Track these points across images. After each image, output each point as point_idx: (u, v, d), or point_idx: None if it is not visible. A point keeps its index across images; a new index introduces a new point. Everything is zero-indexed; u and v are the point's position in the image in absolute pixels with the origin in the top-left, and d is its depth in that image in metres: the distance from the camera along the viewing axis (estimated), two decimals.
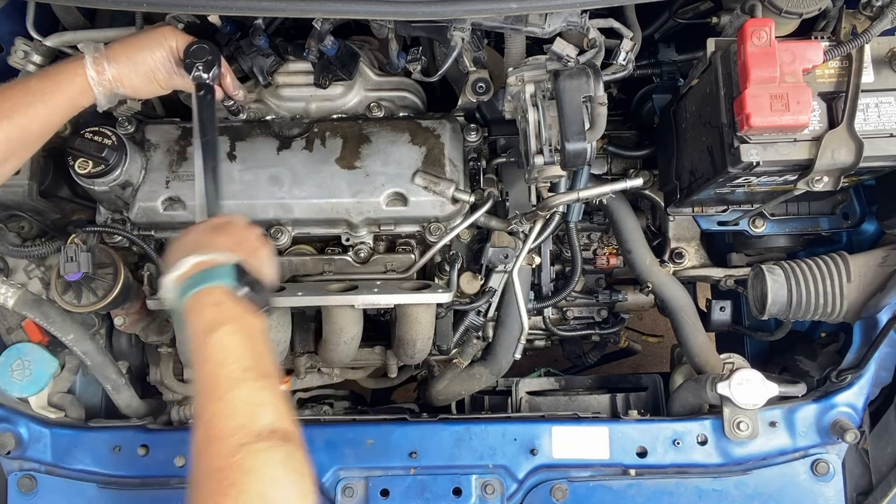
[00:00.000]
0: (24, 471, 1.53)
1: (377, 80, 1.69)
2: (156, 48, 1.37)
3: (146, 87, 1.40)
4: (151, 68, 1.37)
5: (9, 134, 1.23)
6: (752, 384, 1.48)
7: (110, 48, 1.34)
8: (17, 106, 1.24)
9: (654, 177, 1.82)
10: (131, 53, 1.35)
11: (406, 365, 1.83)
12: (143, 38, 1.38)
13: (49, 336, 1.59)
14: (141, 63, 1.36)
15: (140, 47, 1.36)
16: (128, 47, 1.36)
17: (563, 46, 1.39)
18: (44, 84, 1.28)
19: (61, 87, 1.29)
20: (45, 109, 1.27)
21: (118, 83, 1.34)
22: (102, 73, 1.32)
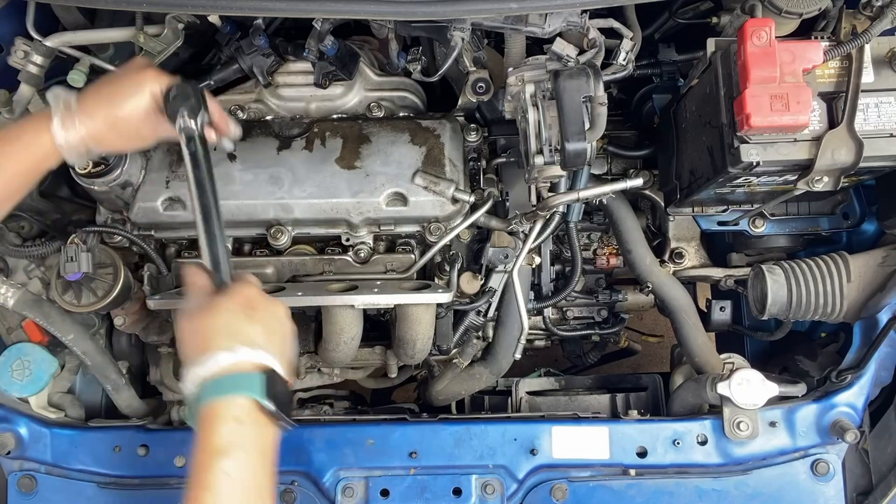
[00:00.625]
0: (24, 471, 1.53)
1: (377, 80, 1.69)
2: (137, 98, 1.18)
3: (128, 144, 1.25)
4: (133, 124, 1.19)
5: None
6: (752, 384, 1.48)
7: (83, 100, 1.16)
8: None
9: (654, 177, 1.82)
10: (109, 107, 1.17)
11: (406, 365, 1.83)
12: (122, 86, 1.20)
13: (49, 336, 1.59)
14: (121, 119, 1.18)
15: (119, 99, 1.18)
16: (104, 99, 1.18)
17: (563, 46, 1.39)
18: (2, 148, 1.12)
19: (22, 150, 1.13)
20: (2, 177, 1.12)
21: (94, 142, 1.18)
22: (71, 136, 1.15)
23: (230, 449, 0.99)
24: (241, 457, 1.00)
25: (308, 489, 1.50)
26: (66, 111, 1.16)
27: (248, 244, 1.67)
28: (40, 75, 1.50)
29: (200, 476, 0.99)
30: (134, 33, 1.51)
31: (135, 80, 1.20)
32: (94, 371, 1.63)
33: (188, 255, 1.65)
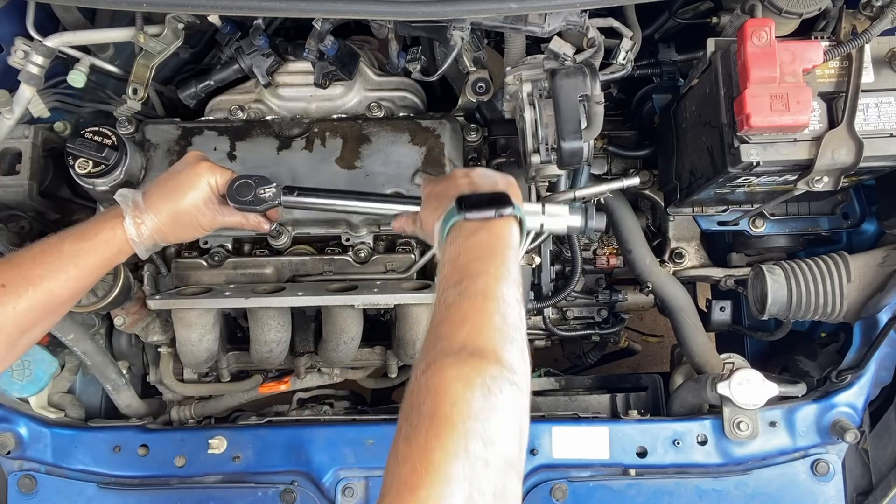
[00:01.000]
0: (24, 471, 1.53)
1: (377, 80, 1.69)
2: (195, 191, 1.27)
3: (191, 234, 1.32)
4: (195, 216, 1.28)
5: (34, 303, 1.14)
6: (752, 384, 1.48)
7: (148, 198, 1.24)
8: (48, 272, 1.16)
9: (654, 177, 1.82)
10: (171, 203, 1.25)
11: (406, 365, 1.83)
12: (181, 182, 1.27)
13: (49, 336, 1.59)
14: (184, 213, 1.26)
15: (179, 194, 1.25)
16: (166, 196, 1.25)
17: (561, 45, 1.39)
18: (78, 247, 1.19)
19: (97, 249, 1.20)
20: (76, 273, 1.18)
21: (160, 237, 1.26)
22: (142, 231, 1.23)
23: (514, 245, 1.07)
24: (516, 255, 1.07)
25: (308, 489, 1.50)
26: (136, 209, 1.24)
27: (248, 244, 1.67)
28: (40, 75, 1.50)
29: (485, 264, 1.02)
30: (134, 33, 1.51)
31: (192, 175, 1.28)
32: (94, 371, 1.63)
33: (188, 255, 1.65)
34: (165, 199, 1.25)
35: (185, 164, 1.30)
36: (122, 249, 1.23)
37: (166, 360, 1.75)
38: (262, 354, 1.61)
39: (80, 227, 1.23)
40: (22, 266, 1.16)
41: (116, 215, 1.23)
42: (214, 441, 1.53)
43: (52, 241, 1.21)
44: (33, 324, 1.17)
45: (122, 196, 1.25)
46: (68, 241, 1.20)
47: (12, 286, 1.13)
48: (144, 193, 1.26)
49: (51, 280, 1.16)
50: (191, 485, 1.52)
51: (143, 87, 1.58)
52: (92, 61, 1.56)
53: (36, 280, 1.15)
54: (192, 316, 1.55)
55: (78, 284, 1.20)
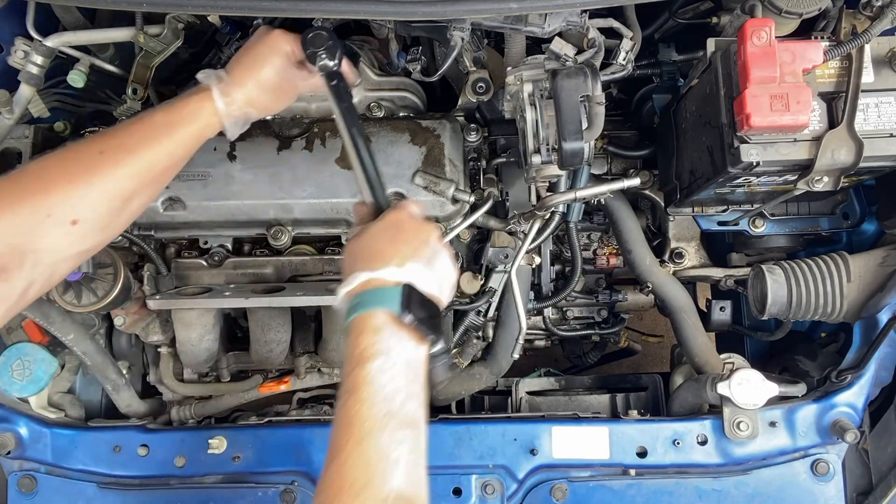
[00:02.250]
0: (24, 471, 1.53)
1: (377, 80, 1.69)
2: (274, 58, 1.28)
3: (277, 103, 1.32)
4: (278, 83, 1.29)
5: (133, 170, 1.15)
6: (752, 384, 1.48)
7: (231, 73, 1.26)
8: (142, 141, 1.17)
9: (654, 177, 1.82)
10: (254, 73, 1.26)
11: None
12: (259, 51, 1.28)
13: (49, 336, 1.59)
14: (268, 80, 1.27)
15: (261, 63, 1.27)
16: (248, 67, 1.27)
17: (561, 46, 1.39)
18: (169, 118, 1.21)
19: (187, 119, 1.21)
20: (169, 144, 1.20)
21: (249, 107, 1.27)
22: (231, 103, 1.24)
23: (368, 357, 1.02)
24: (381, 362, 1.02)
25: (308, 489, 1.50)
26: (220, 81, 1.24)
27: (248, 244, 1.67)
28: (40, 75, 1.50)
29: (345, 384, 1.03)
30: (134, 33, 1.51)
31: (268, 44, 1.29)
32: (94, 371, 1.63)
33: (188, 255, 1.65)
34: (247, 70, 1.26)
35: (259, 37, 1.31)
36: (210, 123, 1.24)
37: (166, 360, 1.75)
38: (262, 354, 1.61)
39: (169, 102, 1.24)
40: (118, 136, 1.18)
41: (203, 90, 1.24)
42: (214, 441, 1.53)
43: (144, 114, 1.22)
44: (134, 191, 1.17)
45: (205, 73, 1.26)
46: (160, 114, 1.21)
47: (110, 153, 1.14)
48: (227, 69, 1.27)
49: (146, 148, 1.17)
50: (191, 485, 1.52)
51: (143, 87, 1.58)
52: (92, 61, 1.56)
53: (132, 148, 1.16)
54: (192, 316, 1.55)
55: (173, 155, 1.21)
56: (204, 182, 1.55)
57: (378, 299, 1.07)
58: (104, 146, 1.15)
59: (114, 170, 1.14)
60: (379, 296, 1.07)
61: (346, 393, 1.01)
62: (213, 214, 1.56)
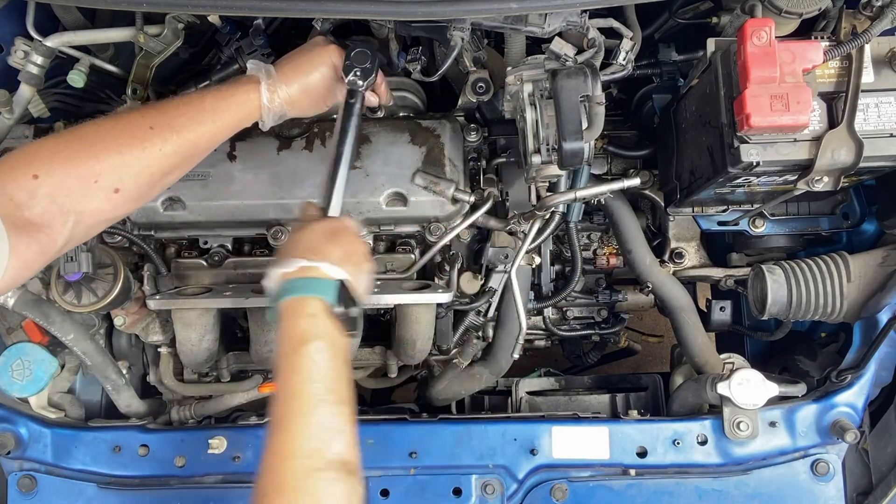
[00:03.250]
0: (24, 471, 1.53)
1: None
2: (324, 68, 1.36)
3: (313, 108, 1.40)
4: (320, 90, 1.37)
5: (177, 148, 1.23)
6: (752, 384, 1.48)
7: (280, 70, 1.33)
8: (189, 122, 1.24)
9: (654, 177, 1.82)
10: (302, 76, 1.34)
11: (406, 365, 1.83)
12: (311, 58, 1.36)
13: (49, 336, 1.59)
14: (312, 86, 1.36)
15: (309, 69, 1.35)
16: (297, 70, 1.35)
17: (561, 46, 1.39)
18: (218, 103, 1.27)
19: (233, 107, 1.29)
20: (213, 127, 1.27)
21: (289, 106, 1.34)
22: (275, 98, 1.31)
23: (309, 338, 1.11)
24: (321, 345, 1.11)
25: None
26: (269, 76, 1.32)
27: (248, 244, 1.67)
28: (40, 75, 1.50)
29: (286, 362, 1.11)
30: (134, 33, 1.51)
31: (321, 53, 1.37)
32: (94, 371, 1.63)
33: (188, 255, 1.65)
34: (296, 71, 1.34)
35: (314, 45, 1.39)
36: (252, 113, 1.31)
37: (166, 360, 1.75)
38: (262, 354, 1.61)
39: (219, 87, 1.32)
40: (168, 113, 1.24)
41: (252, 81, 1.31)
42: (214, 441, 1.53)
43: (193, 96, 1.29)
44: (174, 167, 1.25)
45: (256, 65, 1.33)
46: (209, 98, 1.27)
47: (159, 129, 1.21)
48: (277, 66, 1.34)
49: (191, 130, 1.24)
50: (191, 485, 1.52)
51: (143, 87, 1.58)
52: (92, 61, 1.56)
53: (179, 127, 1.23)
54: (192, 316, 1.55)
55: (213, 137, 1.28)
56: (204, 182, 1.55)
57: (316, 287, 1.16)
58: (155, 122, 1.22)
59: (161, 146, 1.21)
60: (317, 284, 1.16)
61: (289, 370, 1.11)
62: (213, 214, 1.56)
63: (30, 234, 1.10)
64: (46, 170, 1.13)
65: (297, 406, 1.07)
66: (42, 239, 1.12)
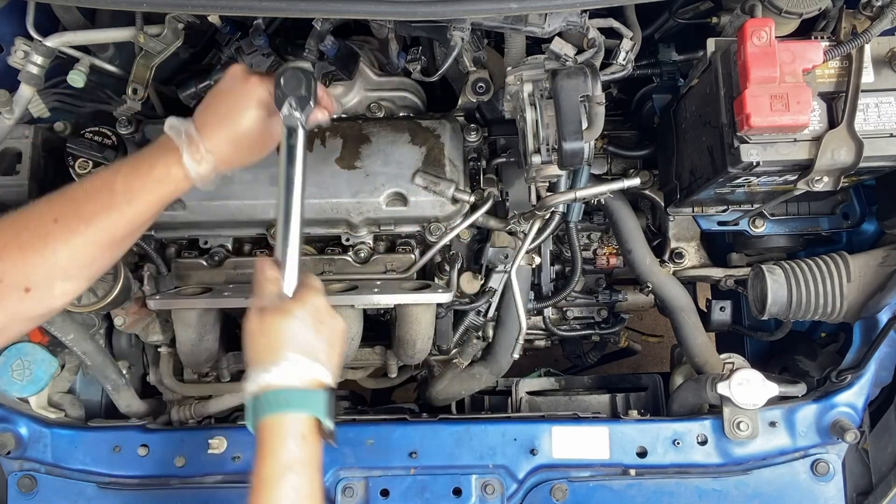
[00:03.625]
0: (24, 471, 1.53)
1: (377, 80, 1.69)
2: (252, 110, 1.18)
3: (252, 157, 1.24)
4: (254, 136, 1.20)
5: (90, 238, 1.11)
6: (752, 384, 1.48)
7: (201, 126, 1.16)
8: (101, 209, 1.12)
9: (654, 177, 1.82)
10: (229, 129, 1.17)
11: (406, 365, 1.83)
12: (233, 101, 1.18)
13: (49, 336, 1.59)
14: (242, 136, 1.19)
15: (234, 117, 1.17)
16: (222, 122, 1.17)
17: (562, 46, 1.39)
18: (131, 183, 1.13)
19: (151, 186, 1.15)
20: (130, 211, 1.14)
21: (223, 166, 1.19)
22: (201, 162, 1.16)
23: (297, 465, 1.05)
24: (306, 473, 1.06)
25: None
26: (190, 142, 1.16)
27: (248, 244, 1.67)
28: (40, 75, 1.50)
29: (268, 490, 1.05)
30: (134, 33, 1.51)
31: (242, 93, 1.19)
32: (94, 371, 1.63)
33: (188, 255, 1.65)
34: (221, 125, 1.17)
35: (234, 81, 1.20)
36: (178, 187, 1.17)
37: (166, 360, 1.75)
38: None
39: (133, 161, 1.16)
40: (75, 200, 1.13)
41: (170, 149, 1.16)
42: (214, 441, 1.53)
43: (104, 176, 1.15)
44: (92, 259, 1.14)
45: (174, 129, 1.17)
46: (120, 178, 1.14)
47: (64, 221, 1.11)
48: (196, 122, 1.17)
49: (104, 217, 1.12)
50: (191, 485, 1.52)
51: (143, 87, 1.58)
52: (92, 61, 1.56)
53: (88, 216, 1.11)
54: (191, 316, 1.55)
55: (134, 221, 1.16)
56: None
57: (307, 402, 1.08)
58: (59, 213, 1.11)
59: (69, 239, 1.10)
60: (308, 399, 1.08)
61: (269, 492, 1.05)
62: (213, 214, 1.56)
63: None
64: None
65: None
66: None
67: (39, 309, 1.14)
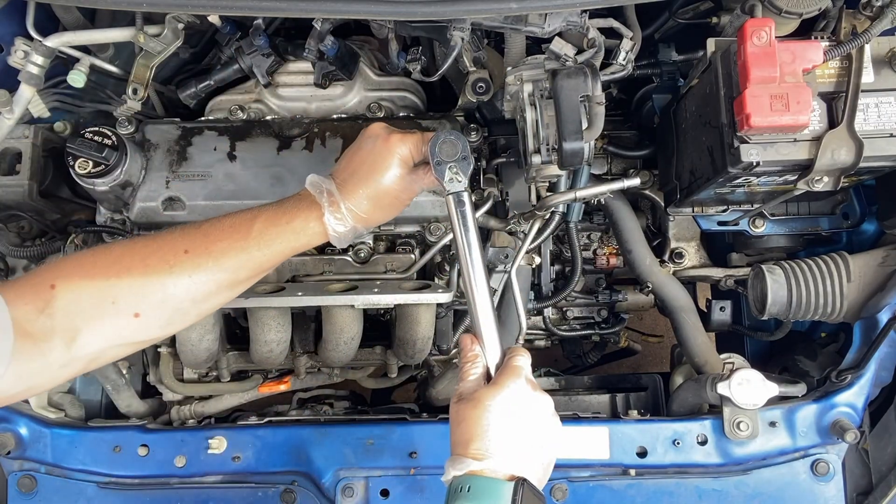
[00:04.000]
0: (24, 471, 1.53)
1: (377, 80, 1.69)
2: (393, 170, 1.19)
3: (391, 214, 1.25)
4: (394, 195, 1.21)
5: (213, 276, 1.13)
6: (752, 384, 1.48)
7: (342, 185, 1.18)
8: (230, 249, 1.13)
9: (654, 177, 1.82)
10: (370, 188, 1.18)
11: (406, 365, 1.83)
12: (375, 162, 1.19)
13: None
14: (384, 195, 1.19)
15: (377, 176, 1.18)
16: (363, 181, 1.18)
17: (562, 46, 1.39)
18: (268, 229, 1.15)
19: (287, 235, 1.16)
20: (259, 256, 1.15)
21: (362, 224, 1.20)
22: (341, 221, 1.17)
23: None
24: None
25: (308, 489, 1.50)
26: (331, 201, 1.18)
27: None
28: (40, 75, 1.50)
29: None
30: (134, 33, 1.51)
31: (384, 152, 1.20)
32: (95, 371, 1.63)
33: None
34: (363, 184, 1.18)
35: (375, 140, 1.21)
36: (311, 241, 1.19)
37: (166, 360, 1.75)
38: (262, 354, 1.61)
39: (273, 209, 1.18)
40: (209, 237, 1.14)
41: (311, 204, 1.17)
42: (214, 441, 1.53)
43: (242, 219, 1.17)
44: (207, 295, 1.14)
45: (315, 185, 1.19)
46: (258, 224, 1.15)
47: (194, 254, 1.12)
48: (337, 180, 1.19)
49: (232, 258, 1.13)
50: (191, 485, 1.53)
51: (143, 87, 1.58)
52: (92, 61, 1.56)
53: (218, 254, 1.13)
54: None
55: (260, 267, 1.17)
56: (204, 182, 1.55)
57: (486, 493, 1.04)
58: (192, 245, 1.13)
59: (192, 273, 1.12)
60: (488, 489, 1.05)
61: None
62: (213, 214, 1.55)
63: (35, 344, 1.03)
64: (65, 283, 1.06)
65: None
66: (46, 351, 1.04)
67: (142, 336, 1.14)
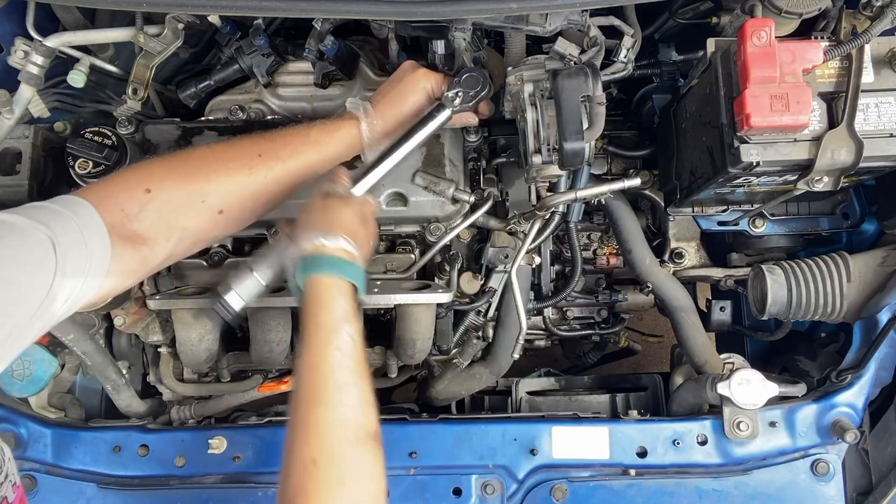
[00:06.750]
0: (24, 471, 1.53)
1: (377, 80, 1.69)
2: (416, 96, 1.42)
3: None
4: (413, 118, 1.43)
5: (280, 176, 1.30)
6: (752, 384, 1.48)
7: (377, 106, 1.41)
8: (295, 153, 1.32)
9: (654, 177, 1.82)
10: (396, 108, 1.42)
11: (406, 365, 1.83)
12: (403, 88, 1.43)
13: (49, 336, 1.59)
14: (406, 114, 1.42)
15: (403, 100, 1.42)
16: (392, 102, 1.42)
17: (566, 46, 1.39)
18: (322, 136, 1.35)
19: (336, 141, 1.36)
20: (316, 158, 1.34)
21: (385, 137, 1.41)
22: (373, 132, 1.39)
23: (344, 321, 1.16)
24: (355, 326, 1.17)
25: None
26: (367, 115, 1.39)
27: (248, 244, 1.67)
28: (40, 75, 1.50)
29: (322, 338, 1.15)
30: (134, 33, 1.51)
31: (412, 81, 1.43)
32: (94, 371, 1.63)
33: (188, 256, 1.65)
34: (391, 105, 1.42)
35: (404, 73, 1.45)
36: (352, 147, 1.39)
37: (166, 360, 1.75)
38: (262, 354, 1.61)
39: (323, 123, 1.39)
40: (275, 142, 1.32)
41: (352, 118, 1.39)
42: (214, 441, 1.53)
43: (300, 129, 1.36)
44: (274, 195, 1.31)
45: (354, 104, 1.40)
46: (314, 131, 1.36)
47: (266, 157, 1.29)
48: (372, 101, 1.42)
49: (295, 159, 1.32)
50: (191, 485, 1.52)
51: (143, 87, 1.58)
52: (92, 61, 1.56)
53: (285, 157, 1.31)
54: (191, 316, 1.55)
55: (313, 168, 1.35)
56: None
57: (352, 273, 1.20)
58: (263, 149, 1.30)
59: (266, 173, 1.28)
60: (352, 270, 1.21)
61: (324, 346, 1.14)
62: None
63: (134, 246, 1.15)
64: (159, 185, 1.19)
65: (333, 382, 1.11)
66: (145, 251, 1.17)
67: (222, 231, 1.31)
